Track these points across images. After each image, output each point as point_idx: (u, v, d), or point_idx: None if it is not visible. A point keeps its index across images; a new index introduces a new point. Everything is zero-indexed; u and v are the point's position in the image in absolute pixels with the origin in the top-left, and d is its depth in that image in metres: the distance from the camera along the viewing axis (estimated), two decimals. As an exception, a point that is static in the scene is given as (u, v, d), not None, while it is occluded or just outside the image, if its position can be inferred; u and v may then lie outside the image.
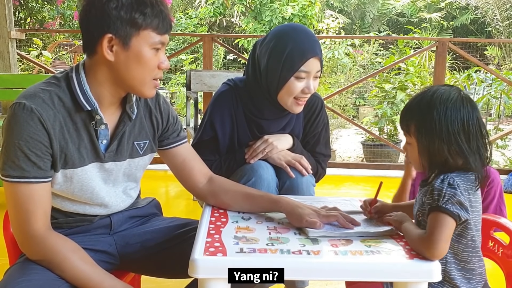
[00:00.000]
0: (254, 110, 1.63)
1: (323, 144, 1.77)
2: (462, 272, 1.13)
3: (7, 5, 3.76)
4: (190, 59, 8.41)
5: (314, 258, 1.00)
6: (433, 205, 1.07)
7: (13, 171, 1.08)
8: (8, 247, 1.30)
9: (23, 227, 1.10)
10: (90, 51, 1.14)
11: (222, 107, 1.63)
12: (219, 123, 1.63)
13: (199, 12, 11.11)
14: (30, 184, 1.09)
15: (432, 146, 1.11)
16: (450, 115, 1.09)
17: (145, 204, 1.43)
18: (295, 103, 1.55)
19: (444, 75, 4.26)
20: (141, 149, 1.30)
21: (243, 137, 1.66)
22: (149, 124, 1.32)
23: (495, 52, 11.28)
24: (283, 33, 1.53)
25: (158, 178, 3.93)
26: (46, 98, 1.11)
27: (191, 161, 1.39)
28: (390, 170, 4.35)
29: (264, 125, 1.65)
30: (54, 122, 1.11)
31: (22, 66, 6.58)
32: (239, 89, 1.65)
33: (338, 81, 7.67)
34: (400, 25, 13.76)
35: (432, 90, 1.14)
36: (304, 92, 1.52)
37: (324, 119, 1.76)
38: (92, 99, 1.15)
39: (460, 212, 1.05)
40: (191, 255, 0.98)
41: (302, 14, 9.56)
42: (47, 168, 1.12)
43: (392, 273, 1.00)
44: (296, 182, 1.60)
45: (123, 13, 1.09)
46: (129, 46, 1.11)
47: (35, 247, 1.11)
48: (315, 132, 1.74)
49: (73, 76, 1.16)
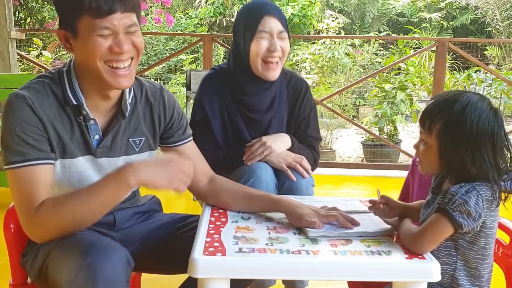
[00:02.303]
0: (238, 88, 1.68)
1: (313, 127, 1.80)
2: (471, 279, 1.12)
3: (7, 5, 3.76)
4: (190, 59, 8.40)
5: (314, 258, 1.00)
6: (441, 206, 1.07)
7: (14, 157, 1.09)
8: (9, 247, 1.30)
9: (28, 210, 1.09)
10: None
11: (209, 88, 1.70)
12: (208, 103, 1.68)
13: (199, 12, 11.09)
14: (32, 167, 1.09)
15: (455, 151, 1.09)
16: (482, 125, 1.08)
17: (146, 201, 1.43)
18: (265, 67, 1.61)
19: (444, 75, 4.27)
20: (137, 146, 1.29)
21: (234, 119, 1.69)
22: (148, 120, 1.31)
23: (495, 52, 11.28)
24: (243, 7, 1.68)
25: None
26: (39, 88, 1.15)
27: (195, 161, 1.36)
28: (390, 170, 4.35)
29: (250, 103, 1.68)
30: (48, 110, 1.13)
31: (22, 66, 6.58)
32: (223, 72, 1.73)
33: (338, 81, 7.67)
34: (400, 25, 13.75)
35: (466, 96, 1.11)
36: (270, 50, 1.58)
37: (311, 102, 1.79)
38: (79, 94, 1.16)
39: (465, 222, 1.04)
40: (191, 254, 0.98)
41: (302, 14, 9.55)
42: (47, 150, 1.13)
43: (391, 273, 1.00)
44: (296, 183, 1.60)
45: (62, 4, 1.13)
46: (77, 34, 1.11)
47: (37, 228, 1.10)
48: (304, 114, 1.76)
49: (64, 70, 1.19)
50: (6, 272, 1.36)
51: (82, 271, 0.99)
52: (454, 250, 1.11)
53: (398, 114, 5.60)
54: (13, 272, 1.31)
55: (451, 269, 1.11)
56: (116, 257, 1.02)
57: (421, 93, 6.76)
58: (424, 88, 5.70)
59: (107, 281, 0.98)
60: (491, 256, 1.13)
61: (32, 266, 1.20)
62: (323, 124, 6.21)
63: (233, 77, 1.69)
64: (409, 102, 5.49)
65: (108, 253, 1.01)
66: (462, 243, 1.10)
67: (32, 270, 1.20)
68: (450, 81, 6.03)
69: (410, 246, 1.05)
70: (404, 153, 4.84)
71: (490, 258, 1.14)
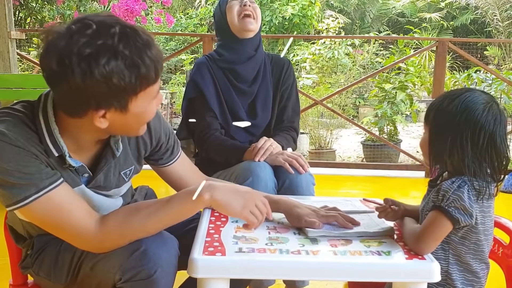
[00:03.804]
0: (226, 56, 1.86)
1: (294, 99, 1.93)
2: (464, 274, 1.12)
3: (7, 5, 3.76)
4: (190, 59, 8.40)
5: (313, 258, 0.99)
6: (436, 204, 1.08)
7: (25, 191, 0.97)
8: (9, 247, 1.30)
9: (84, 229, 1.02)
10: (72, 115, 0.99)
11: (201, 67, 1.87)
12: (201, 80, 1.83)
13: (199, 12, 11.10)
14: (52, 191, 1.00)
15: (437, 139, 1.11)
16: (466, 117, 1.08)
17: (143, 196, 1.43)
18: (242, 21, 1.80)
19: (444, 75, 4.27)
20: (127, 176, 1.23)
21: (226, 90, 1.84)
22: (134, 148, 1.22)
23: (495, 52, 11.28)
24: None
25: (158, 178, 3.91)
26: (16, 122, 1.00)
27: (187, 177, 1.35)
28: (390, 170, 4.36)
29: (239, 70, 1.84)
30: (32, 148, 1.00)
31: (22, 66, 6.58)
32: (213, 54, 1.91)
33: (338, 81, 7.66)
34: (400, 25, 13.75)
35: (470, 92, 1.12)
36: (241, 6, 1.80)
37: (292, 76, 1.94)
38: (61, 143, 1.03)
39: (462, 217, 1.05)
40: (190, 254, 0.98)
41: (302, 14, 9.55)
42: (55, 172, 1.03)
43: (391, 273, 0.99)
44: (296, 182, 1.60)
45: (115, 90, 0.94)
46: (127, 110, 0.99)
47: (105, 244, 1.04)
48: (286, 85, 1.91)
49: (40, 114, 1.02)
50: (6, 272, 1.36)
51: (138, 253, 1.01)
52: (446, 245, 1.12)
53: (398, 114, 5.60)
54: (13, 272, 1.31)
55: (444, 264, 1.11)
56: (171, 247, 1.07)
57: (421, 93, 6.77)
58: (424, 88, 5.71)
59: (163, 264, 1.02)
60: (484, 253, 1.14)
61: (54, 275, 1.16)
62: (323, 124, 6.21)
63: (220, 48, 1.88)
64: (409, 102, 5.49)
65: (165, 242, 1.05)
66: (454, 237, 1.11)
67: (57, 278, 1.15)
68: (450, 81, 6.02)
69: (413, 248, 1.04)
70: (404, 153, 4.84)
71: (483, 255, 1.14)
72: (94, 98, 0.94)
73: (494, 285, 1.44)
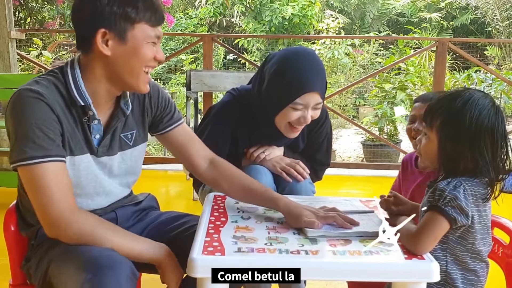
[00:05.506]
0: (255, 125, 1.62)
1: (324, 151, 1.76)
2: (463, 273, 1.13)
3: (7, 5, 3.76)
4: (190, 59, 8.41)
5: (313, 258, 1.00)
6: (433, 204, 1.08)
7: (34, 151, 1.06)
8: (9, 247, 1.30)
9: (62, 209, 1.07)
10: (84, 48, 1.16)
11: (224, 121, 1.62)
12: (221, 137, 1.62)
13: (199, 12, 11.09)
14: (54, 163, 1.08)
15: (454, 146, 1.11)
16: (482, 121, 1.09)
17: (143, 198, 1.44)
18: (289, 129, 1.54)
19: (444, 75, 4.26)
20: (130, 140, 1.30)
21: (243, 145, 1.68)
22: (138, 113, 1.32)
23: (495, 52, 11.27)
24: (286, 59, 1.49)
25: (158, 178, 3.91)
26: (48, 84, 1.13)
27: (189, 145, 1.38)
28: (390, 170, 4.35)
29: (265, 141, 1.65)
30: (58, 108, 1.13)
31: (22, 66, 6.58)
32: (243, 99, 1.63)
33: (338, 81, 7.67)
34: (400, 25, 13.74)
35: (469, 93, 1.13)
36: (300, 122, 1.50)
37: (327, 129, 1.72)
38: (85, 95, 1.16)
39: (458, 217, 1.06)
40: (190, 254, 0.98)
41: (302, 14, 9.55)
42: (62, 147, 1.12)
43: (390, 273, 1.00)
44: (295, 190, 1.59)
45: (115, 8, 1.11)
46: (126, 40, 1.13)
47: (68, 230, 1.08)
48: (317, 141, 1.72)
49: (68, 71, 1.17)
50: (6, 272, 1.36)
51: (85, 286, 0.98)
52: (444, 245, 1.12)
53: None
54: (13, 272, 1.31)
55: (443, 264, 1.12)
56: (120, 272, 1.01)
57: (421, 93, 6.76)
58: (424, 88, 5.70)
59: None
60: (482, 252, 1.14)
61: (36, 273, 1.19)
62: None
63: (252, 107, 1.60)
64: (409, 102, 5.49)
65: (112, 268, 1.01)
66: (451, 237, 1.11)
67: (36, 277, 1.19)
68: (450, 81, 6.02)
69: (411, 248, 1.05)
70: (404, 153, 4.83)
71: (482, 254, 1.14)
72: (99, 15, 1.10)
73: (494, 284, 1.44)
